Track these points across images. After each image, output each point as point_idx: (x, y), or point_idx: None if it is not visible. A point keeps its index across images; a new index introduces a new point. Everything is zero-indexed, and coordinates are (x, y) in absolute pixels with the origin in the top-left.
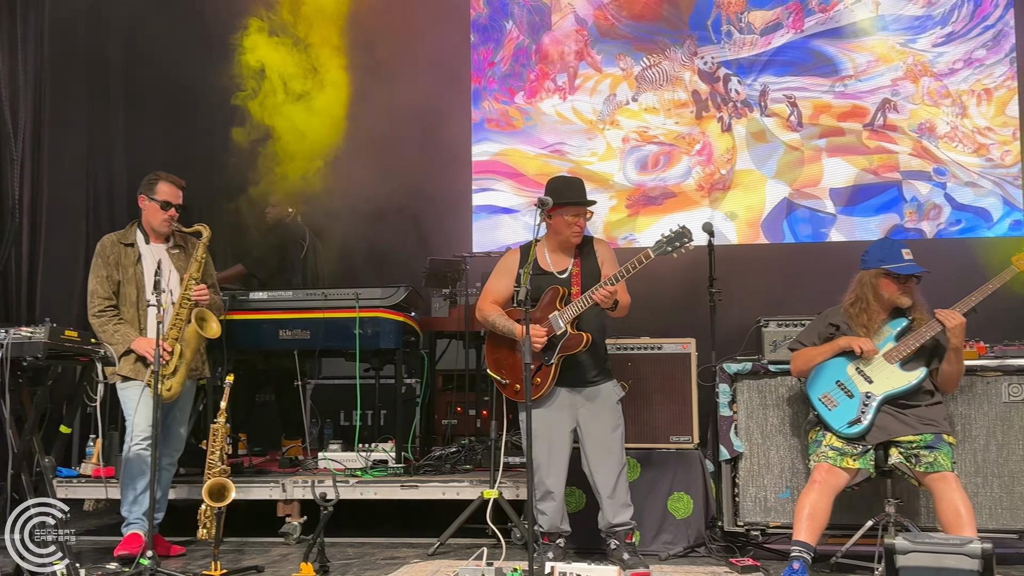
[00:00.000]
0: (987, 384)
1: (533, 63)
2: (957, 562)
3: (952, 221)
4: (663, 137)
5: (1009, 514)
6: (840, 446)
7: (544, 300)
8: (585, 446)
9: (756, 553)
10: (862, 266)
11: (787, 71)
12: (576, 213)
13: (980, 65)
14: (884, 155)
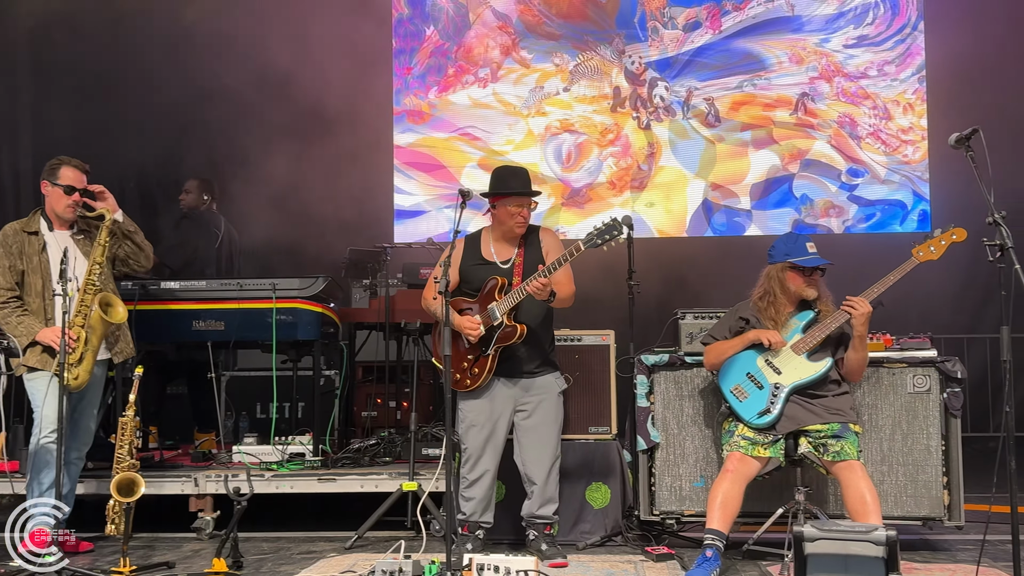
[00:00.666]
0: (893, 375)
1: (454, 59)
2: (863, 549)
3: (861, 217)
4: (581, 128)
5: (913, 501)
6: (752, 436)
7: (484, 290)
8: (520, 437)
9: (671, 541)
10: (769, 260)
11: (707, 71)
12: (519, 203)
13: (891, 76)
14: (797, 152)
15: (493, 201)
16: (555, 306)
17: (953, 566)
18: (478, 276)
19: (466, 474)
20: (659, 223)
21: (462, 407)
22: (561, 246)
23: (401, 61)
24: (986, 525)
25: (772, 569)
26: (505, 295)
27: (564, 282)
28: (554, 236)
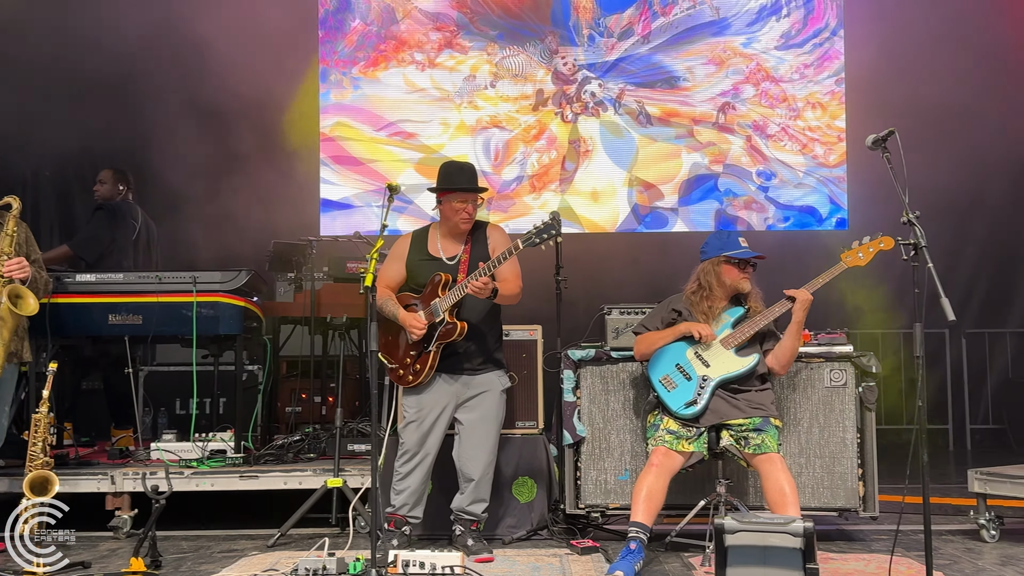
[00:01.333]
0: (811, 370)
1: (383, 51)
2: (781, 540)
3: (780, 216)
4: (507, 124)
5: (829, 493)
6: (676, 429)
7: (429, 286)
8: (460, 433)
9: (596, 534)
10: (702, 257)
11: (636, 73)
12: (464, 199)
13: (810, 79)
14: (720, 153)
15: (440, 197)
16: (499, 303)
17: (868, 556)
18: (424, 272)
19: (400, 467)
20: (586, 219)
21: (403, 402)
22: (508, 242)
23: (327, 51)
24: (900, 516)
25: (694, 560)
26: (449, 291)
27: (510, 279)
28: (502, 233)
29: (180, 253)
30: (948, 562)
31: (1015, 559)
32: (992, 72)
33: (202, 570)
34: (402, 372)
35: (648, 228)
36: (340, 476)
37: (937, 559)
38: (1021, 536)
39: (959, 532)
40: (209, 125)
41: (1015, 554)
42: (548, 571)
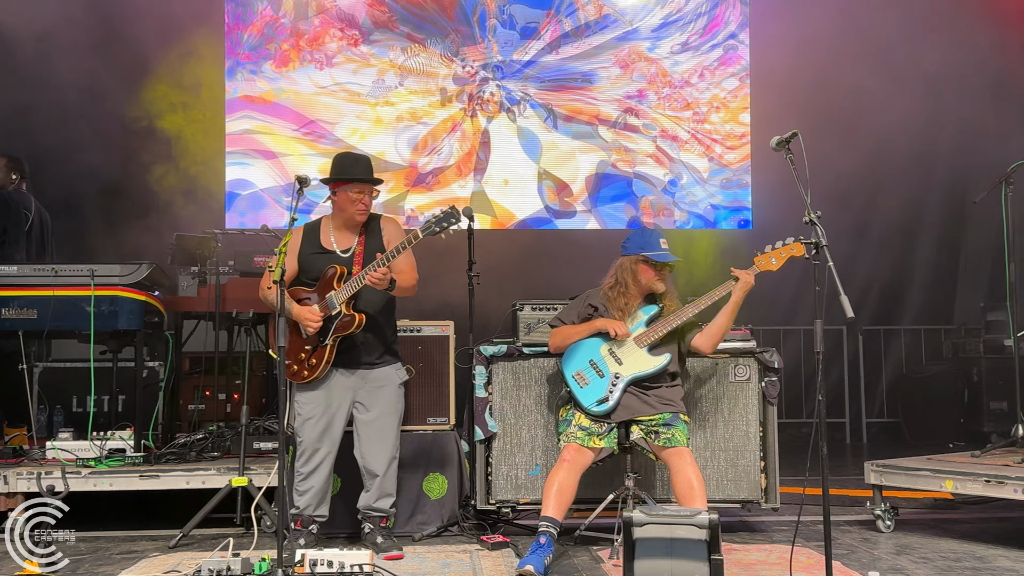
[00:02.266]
0: (716, 365)
1: (295, 46)
2: (687, 532)
3: (686, 218)
4: (419, 119)
5: (733, 485)
6: (588, 426)
7: (323, 279)
8: (359, 429)
9: (506, 529)
10: (623, 252)
11: (545, 74)
12: (361, 190)
13: (714, 82)
14: (630, 154)
15: (334, 188)
16: (397, 295)
17: (770, 546)
18: (317, 265)
19: (301, 467)
20: (500, 215)
21: (298, 399)
22: (403, 234)
23: (234, 43)
24: (800, 507)
25: (602, 554)
26: (344, 284)
27: (407, 271)
28: (396, 224)
29: (77, 245)
30: (846, 552)
31: (909, 548)
32: (891, 71)
33: (100, 572)
34: (296, 368)
35: (558, 226)
36: (245, 475)
37: (835, 549)
38: (915, 526)
39: (856, 522)
40: (108, 114)
41: (909, 543)
42: (458, 567)
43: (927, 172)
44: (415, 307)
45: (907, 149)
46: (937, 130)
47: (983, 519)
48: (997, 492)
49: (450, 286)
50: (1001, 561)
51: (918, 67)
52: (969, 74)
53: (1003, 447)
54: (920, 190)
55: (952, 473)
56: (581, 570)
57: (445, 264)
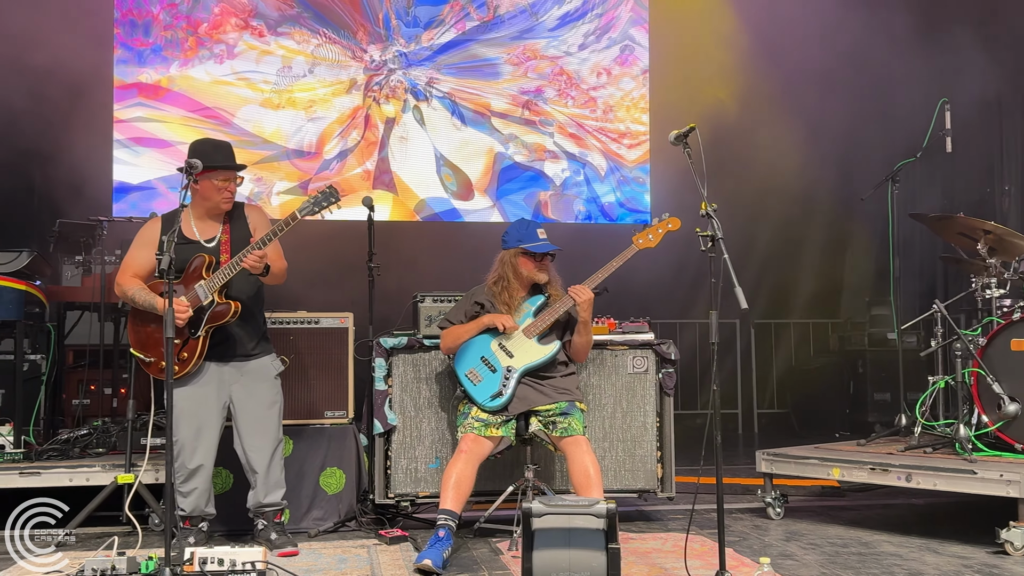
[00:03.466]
0: (615, 357)
1: (194, 34)
2: (585, 522)
3: (585, 212)
4: (324, 111)
5: (631, 475)
6: (485, 417)
7: (189, 270)
8: (238, 423)
9: (405, 523)
10: (503, 246)
11: (448, 67)
12: (226, 178)
13: (614, 79)
14: (532, 147)
15: (196, 176)
16: (269, 282)
17: (665, 535)
18: (180, 256)
19: (181, 467)
20: (402, 207)
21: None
22: (268, 221)
23: (126, 30)
24: (694, 496)
25: (502, 545)
26: (215, 272)
27: (276, 257)
28: (260, 211)
29: None
30: (738, 539)
31: (798, 534)
32: (784, 68)
33: None
34: (165, 363)
35: (461, 218)
36: (132, 472)
37: (728, 536)
38: (804, 513)
39: (748, 510)
40: None
41: (798, 530)
42: (355, 562)
43: (817, 170)
44: (314, 298)
45: (798, 147)
46: (827, 127)
47: (868, 506)
48: (881, 479)
49: (349, 277)
50: (885, 547)
51: (810, 64)
52: (858, 71)
53: (887, 436)
54: (810, 187)
55: (839, 461)
56: (480, 562)
57: (344, 254)
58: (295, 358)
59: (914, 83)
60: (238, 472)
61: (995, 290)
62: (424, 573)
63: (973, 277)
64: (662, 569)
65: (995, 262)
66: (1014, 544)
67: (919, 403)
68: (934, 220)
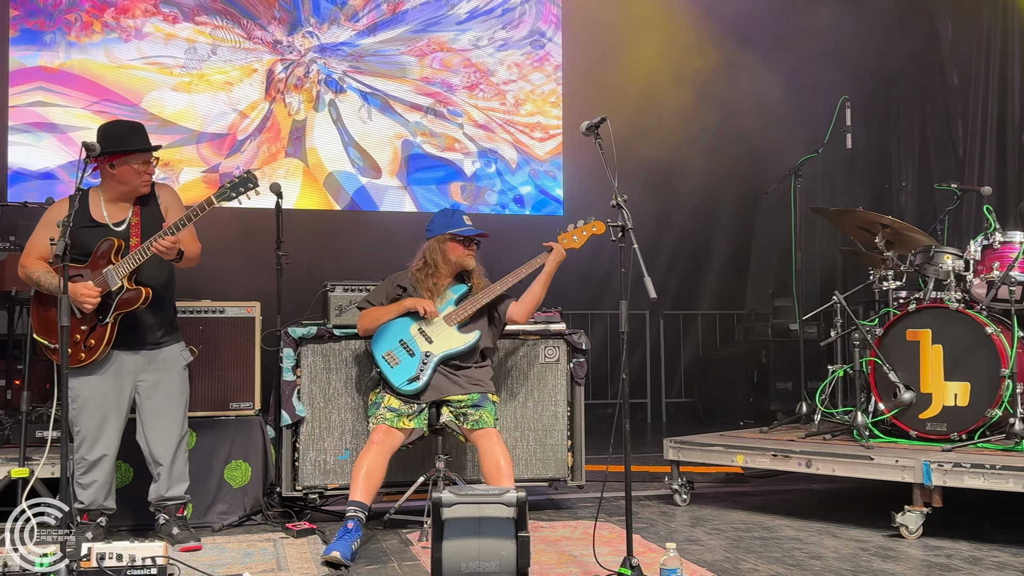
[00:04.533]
0: (528, 347)
1: (97, 16)
2: (495, 511)
3: (499, 203)
4: (236, 99)
5: (542, 464)
6: (397, 407)
7: (97, 254)
8: (144, 414)
9: (314, 516)
10: (427, 235)
11: (361, 58)
12: (145, 160)
13: (528, 72)
14: (439, 139)
15: (111, 160)
16: (182, 266)
17: (575, 523)
18: (88, 239)
19: (81, 458)
20: (313, 196)
21: (74, 384)
22: (181, 203)
23: (26, 10)
24: (603, 484)
25: (412, 536)
26: (123, 258)
27: (189, 240)
28: (173, 192)
29: None
30: (645, 525)
31: (703, 520)
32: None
33: None
34: (72, 350)
35: (371, 207)
36: (27, 465)
37: (636, 523)
38: (709, 499)
39: (655, 497)
40: None
41: (703, 515)
42: (261, 556)
43: (723, 164)
44: (218, 286)
45: (708, 141)
46: (733, 123)
47: (770, 491)
48: (783, 465)
49: (257, 266)
50: (786, 531)
51: (722, 57)
52: (765, 66)
53: (788, 423)
54: (717, 181)
55: (742, 448)
56: (390, 554)
57: (252, 243)
58: (200, 348)
59: (820, 79)
60: (138, 465)
61: (892, 282)
62: (332, 566)
63: (871, 270)
64: (571, 556)
65: (892, 255)
66: (909, 527)
67: (819, 391)
68: (834, 214)
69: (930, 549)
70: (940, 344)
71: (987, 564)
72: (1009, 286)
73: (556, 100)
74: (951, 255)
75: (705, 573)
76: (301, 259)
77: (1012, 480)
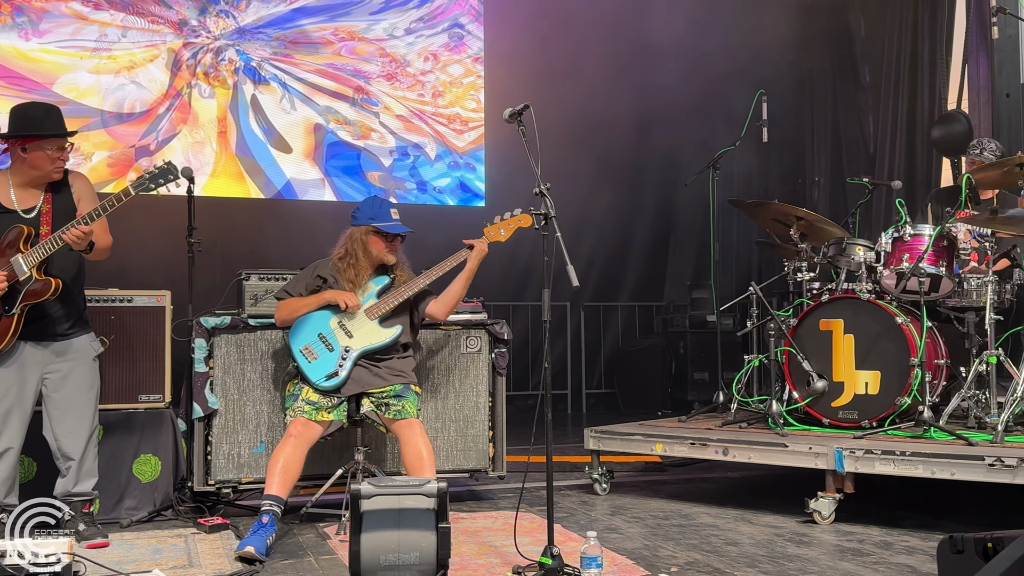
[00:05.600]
0: (449, 337)
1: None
2: (416, 502)
3: (419, 193)
4: (144, 84)
5: (463, 455)
6: (316, 400)
7: (5, 241)
8: (52, 408)
9: (227, 511)
10: (353, 222)
11: (276, 44)
12: (60, 146)
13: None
14: (359, 129)
15: (24, 143)
16: (92, 258)
17: (495, 513)
18: None
19: None
20: (229, 182)
21: None
22: (94, 192)
23: None
24: (524, 474)
25: (330, 530)
26: (33, 247)
27: (101, 232)
28: (86, 181)
29: None
30: (566, 515)
31: (623, 509)
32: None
33: None
34: None
35: (290, 196)
36: None
37: (557, 512)
38: (629, 488)
39: (576, 487)
40: None
41: (623, 504)
42: (171, 552)
43: (645, 156)
44: (126, 275)
45: (630, 132)
46: (653, 114)
47: (688, 479)
48: (700, 453)
49: (166, 254)
50: (703, 518)
51: (643, 47)
52: (684, 56)
53: (706, 412)
54: (638, 172)
55: (661, 437)
56: (307, 548)
57: (160, 230)
58: (109, 339)
59: (737, 73)
60: (42, 460)
61: (806, 273)
62: (246, 561)
63: (786, 261)
64: (492, 547)
65: (806, 247)
66: (821, 513)
67: (735, 381)
68: (750, 206)
69: (842, 534)
70: (852, 334)
71: (897, 548)
72: (919, 277)
73: (475, 92)
74: (863, 247)
75: (624, 561)
76: (216, 248)
77: (921, 466)
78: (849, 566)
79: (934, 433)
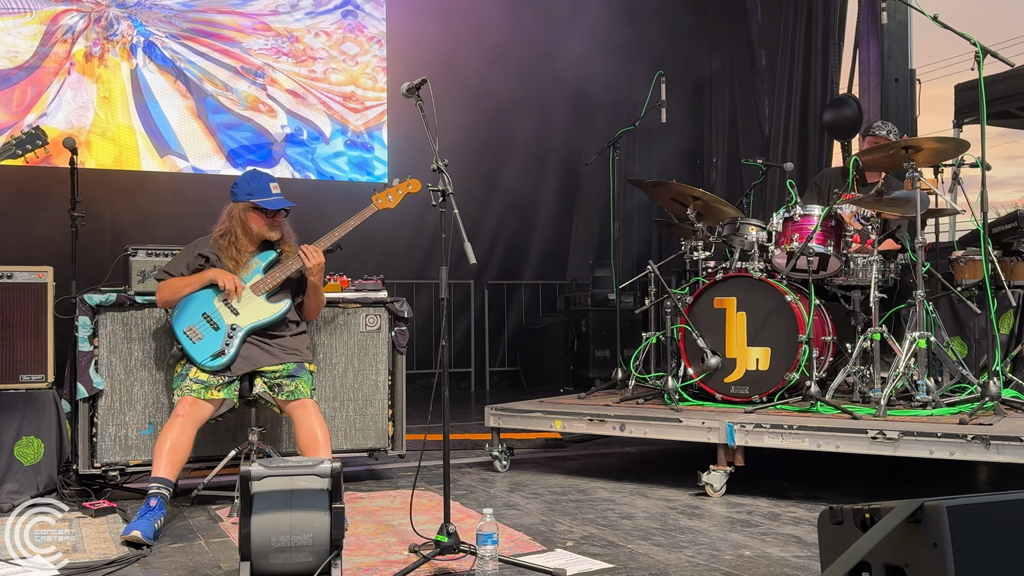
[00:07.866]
0: (348, 315)
1: None
2: (308, 483)
3: (318, 170)
4: (27, 59)
5: (361, 434)
6: (205, 379)
7: None
8: None
9: (113, 494)
10: (232, 198)
11: (175, 20)
12: None
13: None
14: (250, 100)
15: None
16: None
17: (394, 492)
18: None
19: None
20: (112, 154)
21: None
22: None
23: None
24: (421, 452)
25: (221, 512)
26: None
27: None
28: None
29: None
30: (465, 492)
31: (522, 485)
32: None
33: None
34: None
35: (182, 168)
36: None
37: (456, 490)
38: (528, 464)
39: (476, 464)
40: None
41: (522, 481)
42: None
43: (548, 135)
44: (7, 250)
45: (532, 110)
46: (558, 94)
47: (587, 455)
48: (599, 429)
49: (48, 227)
50: (600, 492)
51: (545, 28)
52: (586, 35)
53: (604, 389)
54: (541, 151)
55: (561, 414)
56: (197, 531)
57: (42, 203)
58: None
59: (637, 53)
60: None
61: (701, 252)
62: (133, 545)
63: (683, 240)
64: (389, 526)
65: (702, 226)
66: (713, 486)
67: (633, 358)
68: (649, 186)
69: (733, 506)
70: (744, 311)
71: (784, 519)
72: (807, 256)
73: (372, 72)
74: (755, 227)
75: (521, 537)
76: (102, 222)
77: (807, 439)
78: (738, 537)
79: (820, 407)
